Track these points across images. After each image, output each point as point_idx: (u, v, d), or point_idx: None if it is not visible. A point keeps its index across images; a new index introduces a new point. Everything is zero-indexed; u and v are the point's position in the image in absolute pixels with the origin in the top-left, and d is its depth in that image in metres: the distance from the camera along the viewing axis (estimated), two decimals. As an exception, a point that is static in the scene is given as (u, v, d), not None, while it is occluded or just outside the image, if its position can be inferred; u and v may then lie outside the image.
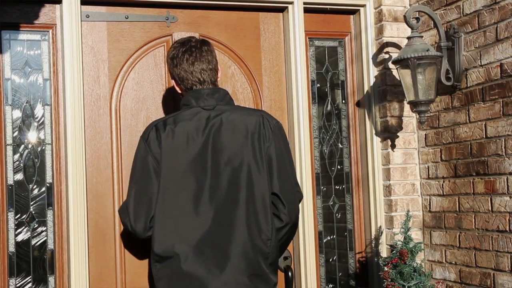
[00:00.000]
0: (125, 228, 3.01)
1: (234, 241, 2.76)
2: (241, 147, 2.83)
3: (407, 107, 3.87)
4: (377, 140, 3.94)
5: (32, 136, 3.48)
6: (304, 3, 3.84)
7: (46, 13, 3.50)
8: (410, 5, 3.95)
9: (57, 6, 3.50)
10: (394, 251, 3.60)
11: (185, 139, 2.82)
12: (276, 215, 2.87)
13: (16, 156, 3.44)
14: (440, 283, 3.65)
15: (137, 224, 2.88)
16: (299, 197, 3.02)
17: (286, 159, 2.94)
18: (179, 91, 3.03)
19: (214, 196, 2.79)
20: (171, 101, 3.65)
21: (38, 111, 3.50)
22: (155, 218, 2.82)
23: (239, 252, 2.76)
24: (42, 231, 3.46)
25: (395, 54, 3.81)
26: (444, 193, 3.72)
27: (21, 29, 3.47)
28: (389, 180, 3.87)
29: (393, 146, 3.89)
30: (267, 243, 2.81)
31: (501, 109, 3.32)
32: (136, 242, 3.53)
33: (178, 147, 2.82)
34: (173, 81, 3.03)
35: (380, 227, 3.89)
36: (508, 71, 3.28)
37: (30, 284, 3.42)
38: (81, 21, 3.48)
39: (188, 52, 2.92)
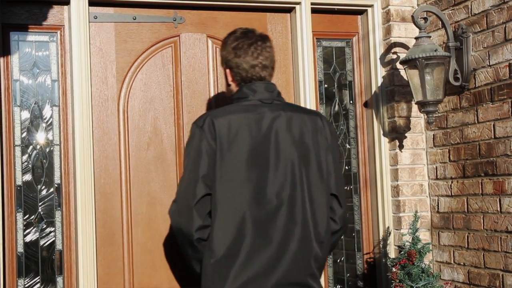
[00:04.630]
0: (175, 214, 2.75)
1: (291, 241, 2.63)
2: (302, 145, 2.71)
3: (415, 107, 3.86)
4: (385, 140, 3.94)
5: (40, 137, 3.49)
6: (312, 4, 3.83)
7: (55, 14, 3.52)
8: (418, 5, 3.94)
9: (65, 7, 3.52)
10: (402, 252, 3.59)
11: (245, 132, 2.66)
12: (332, 218, 2.77)
13: (25, 157, 3.45)
14: (449, 284, 3.63)
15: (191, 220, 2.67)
16: None
17: (338, 161, 2.87)
18: (230, 82, 2.86)
19: (274, 193, 2.64)
20: (179, 101, 3.65)
21: (47, 112, 3.51)
22: (214, 216, 2.62)
23: (294, 253, 2.63)
24: (50, 232, 3.47)
25: (403, 54, 3.80)
26: (453, 194, 3.71)
27: (29, 30, 3.48)
28: (397, 181, 3.86)
29: (401, 147, 3.88)
30: (322, 246, 2.70)
31: (510, 109, 3.30)
32: (144, 242, 3.54)
33: (236, 139, 2.65)
34: (227, 70, 2.84)
35: (388, 227, 3.88)
36: (517, 71, 3.27)
37: (38, 285, 3.43)
38: (89, 22, 3.49)
39: (254, 45, 2.80)
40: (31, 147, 3.47)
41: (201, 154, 2.64)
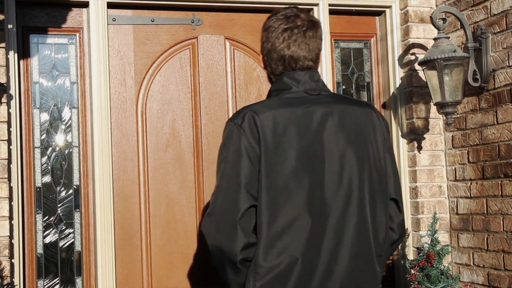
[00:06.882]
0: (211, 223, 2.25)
1: (351, 258, 2.23)
2: (359, 143, 2.29)
3: (433, 108, 3.84)
4: (403, 142, 3.92)
5: (59, 139, 3.52)
6: (330, 5, 3.83)
7: (73, 17, 3.54)
8: (436, 5, 3.92)
9: (84, 10, 3.54)
10: (421, 254, 3.57)
11: (293, 130, 2.22)
12: (390, 226, 2.37)
13: (44, 159, 3.48)
14: (468, 286, 3.61)
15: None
16: None
17: (395, 161, 2.47)
18: (263, 69, 2.47)
19: (331, 201, 2.22)
20: (197, 103, 3.66)
21: (66, 114, 3.53)
22: (260, 232, 2.18)
23: (355, 271, 2.23)
24: (69, 233, 3.49)
25: (421, 55, 3.78)
26: (472, 195, 3.68)
27: (49, 33, 3.50)
28: (416, 182, 3.84)
29: (419, 148, 3.86)
30: (379, 260, 2.31)
31: (530, 110, 3.28)
32: (161, 244, 3.55)
33: (284, 139, 2.21)
34: (260, 56, 2.44)
35: (407, 229, 3.86)
36: (537, 71, 3.24)
37: (58, 286, 3.45)
38: (107, 24, 3.51)
39: (295, 30, 2.33)
40: (50, 149, 3.50)
41: (242, 158, 2.18)
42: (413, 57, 3.88)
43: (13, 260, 3.24)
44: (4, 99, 3.25)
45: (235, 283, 2.24)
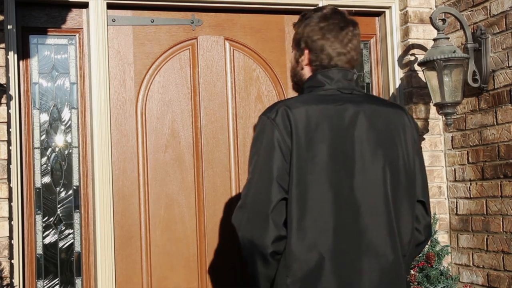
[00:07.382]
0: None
1: (379, 257, 2.24)
2: (389, 144, 2.31)
3: (433, 109, 3.84)
4: (403, 142, 3.91)
5: (59, 140, 3.52)
6: (329, 5, 3.82)
7: (73, 17, 3.54)
8: (436, 6, 3.92)
9: (84, 10, 3.54)
10: (421, 254, 3.57)
11: (325, 127, 2.24)
12: (416, 228, 2.39)
13: (44, 159, 3.48)
14: (468, 286, 3.61)
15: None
16: None
17: (424, 163, 2.49)
18: (305, 65, 2.41)
19: (360, 200, 2.24)
20: (196, 104, 3.66)
21: (65, 114, 3.53)
22: (290, 226, 2.20)
23: (383, 270, 2.24)
24: (69, 234, 3.49)
25: (421, 56, 3.79)
26: (471, 196, 3.68)
27: (48, 33, 3.50)
28: (415, 183, 3.84)
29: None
30: (404, 260, 2.32)
31: (530, 111, 3.28)
32: (162, 244, 3.55)
33: (316, 135, 2.23)
34: (305, 51, 2.39)
35: (406, 230, 3.86)
36: (537, 72, 3.24)
37: (57, 286, 3.45)
38: (107, 25, 3.51)
39: (346, 30, 2.37)
40: (50, 149, 3.50)
41: (275, 151, 2.21)
42: (412, 58, 3.88)
43: (12, 261, 3.24)
44: (3, 100, 3.25)
45: (264, 276, 2.24)
